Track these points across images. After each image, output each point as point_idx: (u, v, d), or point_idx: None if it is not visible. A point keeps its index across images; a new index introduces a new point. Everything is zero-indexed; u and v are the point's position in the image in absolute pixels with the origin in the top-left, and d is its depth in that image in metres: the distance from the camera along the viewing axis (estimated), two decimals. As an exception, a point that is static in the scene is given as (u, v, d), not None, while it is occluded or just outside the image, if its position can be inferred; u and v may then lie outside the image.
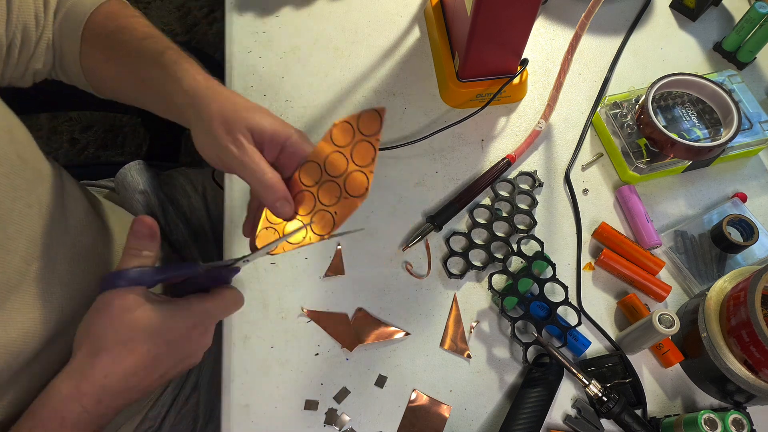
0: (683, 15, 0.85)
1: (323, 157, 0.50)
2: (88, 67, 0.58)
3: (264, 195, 0.48)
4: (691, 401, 0.61)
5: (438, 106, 0.75)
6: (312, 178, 0.51)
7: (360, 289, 0.64)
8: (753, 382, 0.54)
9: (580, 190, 0.71)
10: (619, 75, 0.79)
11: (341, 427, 0.58)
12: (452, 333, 0.62)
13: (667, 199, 0.71)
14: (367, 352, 0.61)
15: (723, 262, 0.66)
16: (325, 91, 0.75)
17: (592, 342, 0.62)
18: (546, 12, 0.83)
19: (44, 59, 0.58)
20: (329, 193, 0.50)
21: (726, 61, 0.81)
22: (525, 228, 0.67)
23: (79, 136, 1.54)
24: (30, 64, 0.58)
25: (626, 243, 0.66)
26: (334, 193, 0.50)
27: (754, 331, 0.51)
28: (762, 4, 0.75)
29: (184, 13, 1.68)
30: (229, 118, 0.48)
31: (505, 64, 0.71)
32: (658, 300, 0.65)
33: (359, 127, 0.49)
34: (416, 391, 0.60)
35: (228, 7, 0.80)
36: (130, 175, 0.77)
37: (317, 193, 0.50)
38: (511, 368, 0.61)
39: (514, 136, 0.74)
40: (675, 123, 0.71)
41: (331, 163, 0.50)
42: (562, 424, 0.59)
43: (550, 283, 0.63)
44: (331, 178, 0.50)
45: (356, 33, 0.80)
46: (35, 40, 0.57)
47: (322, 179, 0.50)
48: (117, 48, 0.56)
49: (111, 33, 0.56)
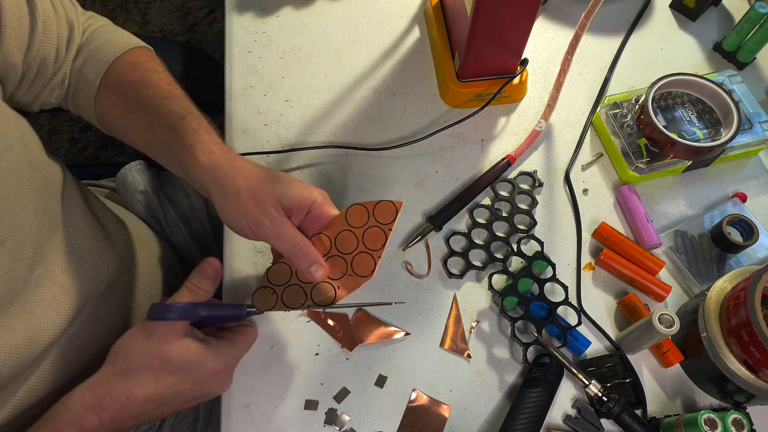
0: (683, 15, 0.85)
1: (335, 233, 0.52)
2: (103, 109, 0.58)
3: (298, 262, 0.50)
4: (691, 401, 0.61)
5: (438, 106, 0.75)
6: (321, 249, 0.53)
7: (360, 289, 0.64)
8: (753, 382, 0.54)
9: (580, 190, 0.71)
10: (619, 75, 0.79)
11: (341, 427, 0.58)
12: (452, 333, 0.62)
13: (667, 199, 0.71)
14: (367, 352, 0.61)
15: (723, 262, 0.67)
16: (325, 91, 0.75)
17: (592, 342, 0.62)
18: (546, 12, 0.83)
19: (56, 93, 0.58)
20: (335, 268, 0.52)
21: (726, 61, 0.81)
22: (525, 228, 0.67)
23: (79, 136, 1.54)
24: (41, 95, 0.58)
25: (626, 243, 0.66)
26: (340, 268, 0.52)
27: (754, 331, 0.51)
28: (762, 4, 0.75)
29: (184, 13, 1.68)
30: (256, 192, 0.49)
31: (505, 64, 0.71)
32: (658, 300, 0.65)
33: (375, 213, 0.52)
34: (416, 391, 0.60)
35: (228, 7, 0.80)
36: (131, 175, 0.77)
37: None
38: (511, 368, 0.61)
39: (514, 136, 0.74)
40: (675, 123, 0.71)
41: (342, 240, 0.52)
42: (562, 424, 0.59)
43: (550, 283, 0.63)
44: (340, 253, 0.52)
45: (356, 33, 0.80)
46: (51, 74, 0.56)
47: (330, 253, 0.52)
48: (137, 100, 0.55)
49: (133, 84, 0.56)
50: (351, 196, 0.69)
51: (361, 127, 0.73)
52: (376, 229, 0.52)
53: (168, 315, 0.46)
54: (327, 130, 0.73)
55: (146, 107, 0.55)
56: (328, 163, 0.71)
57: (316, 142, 0.71)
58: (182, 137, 0.52)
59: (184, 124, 0.52)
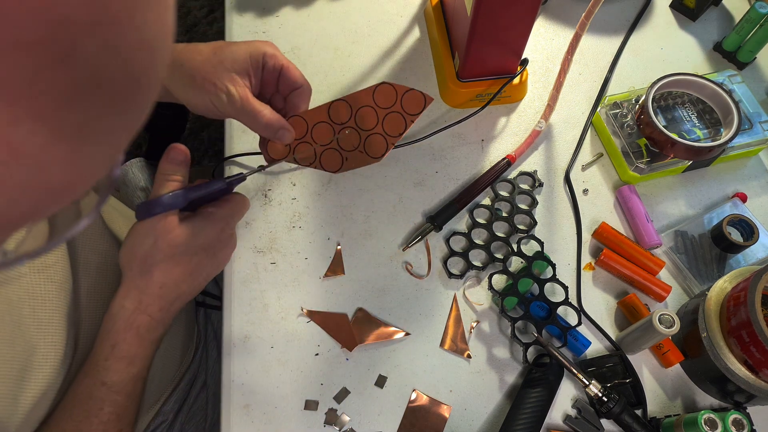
0: (683, 15, 0.85)
1: (358, 105, 0.52)
2: None
3: (264, 133, 0.53)
4: (691, 401, 0.61)
5: (438, 106, 0.75)
6: (340, 117, 0.53)
7: (360, 289, 0.64)
8: (753, 382, 0.54)
9: (580, 190, 0.71)
10: (619, 75, 0.79)
11: (341, 428, 0.58)
12: (452, 333, 0.62)
13: (667, 199, 0.71)
14: (367, 352, 0.61)
15: (723, 262, 0.66)
16: (325, 91, 0.75)
17: (592, 342, 0.62)
18: (546, 12, 0.83)
19: None
20: (348, 140, 0.53)
21: (726, 61, 0.81)
22: (525, 228, 0.67)
23: (79, 136, 1.53)
24: None
25: (626, 243, 0.66)
26: (352, 142, 0.53)
27: (754, 331, 0.51)
28: (762, 4, 0.75)
29: (184, 13, 1.68)
30: (206, 70, 0.51)
31: (505, 64, 0.71)
32: (658, 300, 0.65)
33: (402, 100, 0.52)
34: (416, 391, 0.60)
35: (228, 7, 0.80)
36: (131, 172, 0.77)
37: (338, 133, 0.53)
38: (511, 368, 0.61)
39: (514, 136, 0.74)
40: (675, 123, 0.71)
41: (361, 116, 0.52)
42: (562, 424, 0.59)
43: (550, 283, 0.63)
44: (358, 128, 0.53)
45: (356, 33, 0.80)
46: None
47: (347, 124, 0.53)
48: None
49: None
50: (351, 196, 0.69)
51: (361, 127, 0.73)
52: (398, 116, 0.52)
53: (156, 209, 0.48)
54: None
55: None
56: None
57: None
58: None
59: None
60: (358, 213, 0.68)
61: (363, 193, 0.69)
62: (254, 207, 0.68)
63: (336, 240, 0.66)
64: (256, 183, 0.69)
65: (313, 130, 0.54)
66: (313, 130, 0.54)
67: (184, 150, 0.51)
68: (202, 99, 0.52)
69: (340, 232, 0.67)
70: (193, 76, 0.51)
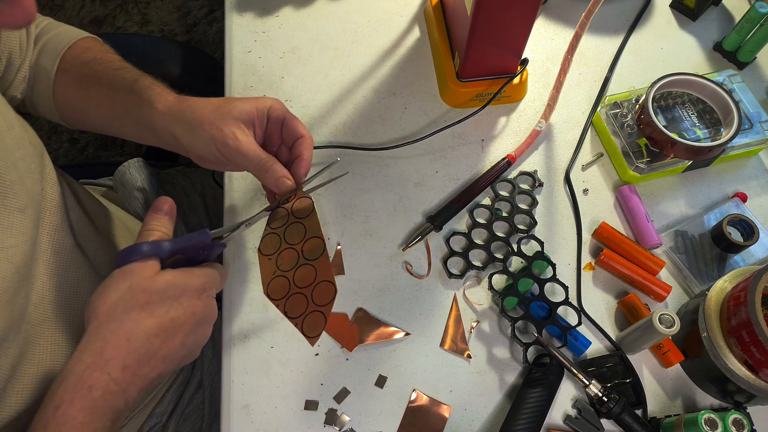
0: (683, 15, 0.85)
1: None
2: (61, 94, 0.60)
3: (263, 177, 0.53)
4: (691, 401, 0.61)
5: (438, 106, 0.75)
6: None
7: (360, 289, 0.64)
8: (753, 382, 0.54)
9: (580, 190, 0.71)
10: (619, 75, 0.79)
11: (341, 428, 0.57)
12: (452, 333, 0.62)
13: (667, 199, 0.71)
14: (367, 352, 0.61)
15: (723, 262, 0.66)
16: (325, 91, 0.75)
17: (592, 342, 0.62)
18: (546, 12, 0.83)
19: (22, 87, 0.60)
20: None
21: (726, 61, 0.81)
22: (525, 228, 0.67)
23: (79, 136, 1.53)
24: (8, 91, 0.59)
25: (626, 243, 0.66)
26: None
27: (754, 331, 0.51)
28: (762, 4, 0.75)
29: (184, 13, 1.68)
30: (215, 118, 0.53)
31: (505, 64, 0.71)
32: (658, 300, 0.65)
33: (313, 299, 0.53)
34: (416, 391, 0.60)
35: (228, 7, 0.80)
36: (129, 173, 0.77)
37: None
38: (511, 368, 0.61)
39: (514, 136, 0.74)
40: (675, 123, 0.71)
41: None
42: (562, 424, 0.59)
43: (550, 283, 0.63)
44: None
45: (356, 33, 0.80)
46: (17, 67, 0.59)
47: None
48: (92, 77, 0.59)
49: (87, 63, 0.60)
50: (351, 196, 0.69)
51: (361, 127, 0.73)
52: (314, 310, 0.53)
53: (133, 257, 0.45)
54: (327, 130, 0.73)
55: (101, 80, 0.58)
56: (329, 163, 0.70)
57: (316, 142, 0.71)
58: (139, 95, 0.55)
59: (138, 84, 0.56)
60: (358, 213, 0.68)
61: (363, 193, 0.69)
62: (254, 207, 0.68)
63: (336, 240, 0.66)
64: (256, 183, 0.69)
65: (294, 280, 0.55)
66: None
67: (170, 201, 0.50)
68: (208, 146, 0.53)
69: (340, 232, 0.67)
70: (202, 122, 0.52)
